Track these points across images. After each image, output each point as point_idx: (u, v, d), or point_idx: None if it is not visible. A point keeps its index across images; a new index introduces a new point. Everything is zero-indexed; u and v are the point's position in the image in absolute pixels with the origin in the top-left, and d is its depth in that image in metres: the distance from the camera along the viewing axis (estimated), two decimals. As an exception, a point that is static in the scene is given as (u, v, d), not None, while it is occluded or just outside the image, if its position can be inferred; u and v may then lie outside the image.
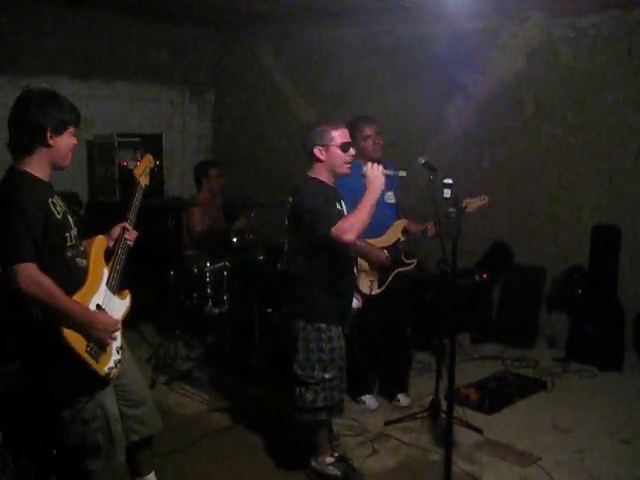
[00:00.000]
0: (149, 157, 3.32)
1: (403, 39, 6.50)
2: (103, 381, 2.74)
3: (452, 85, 6.26)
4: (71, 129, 2.74)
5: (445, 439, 3.36)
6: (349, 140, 3.49)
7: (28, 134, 2.64)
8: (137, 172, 3.18)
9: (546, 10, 5.62)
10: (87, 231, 2.93)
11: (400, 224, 4.47)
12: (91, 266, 2.80)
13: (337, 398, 3.57)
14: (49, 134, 2.64)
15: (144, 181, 3.17)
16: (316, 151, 3.44)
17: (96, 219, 6.21)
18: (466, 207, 4.37)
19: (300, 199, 3.42)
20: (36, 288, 2.50)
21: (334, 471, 3.62)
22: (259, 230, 5.49)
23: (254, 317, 4.99)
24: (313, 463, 3.67)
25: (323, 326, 3.48)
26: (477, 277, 5.87)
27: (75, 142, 2.77)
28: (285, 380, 3.83)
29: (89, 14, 6.47)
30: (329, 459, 3.65)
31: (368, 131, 4.35)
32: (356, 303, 3.83)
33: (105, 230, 3.05)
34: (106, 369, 2.71)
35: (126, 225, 3.01)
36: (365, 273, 4.33)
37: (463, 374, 4.78)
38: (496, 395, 4.74)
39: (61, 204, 2.72)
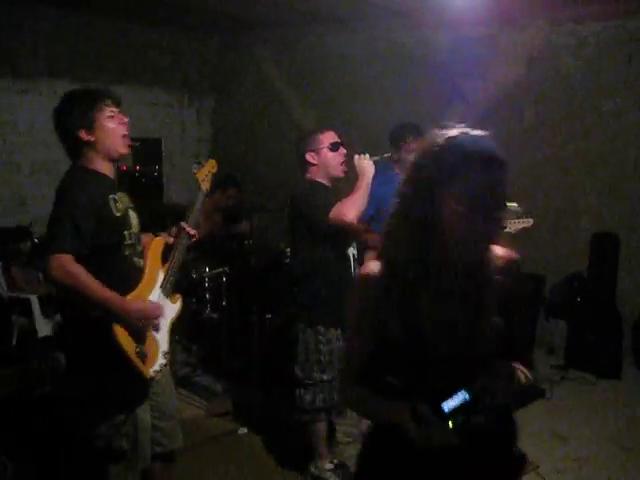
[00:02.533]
0: (213, 162, 3.30)
1: (403, 45, 6.51)
2: (147, 386, 2.73)
3: (452, 91, 6.26)
4: (105, 112, 2.65)
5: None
6: (337, 140, 3.53)
7: (69, 143, 2.66)
8: (199, 176, 3.17)
9: (547, 18, 5.64)
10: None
11: None
12: (147, 267, 2.78)
13: (336, 399, 3.59)
14: (83, 134, 2.63)
15: (206, 185, 3.17)
16: (308, 157, 3.52)
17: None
18: (505, 227, 4.27)
19: (298, 199, 3.52)
20: (68, 278, 2.46)
21: (333, 477, 3.62)
22: (259, 235, 5.49)
23: (253, 322, 4.98)
24: (312, 469, 3.67)
25: (322, 328, 3.52)
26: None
27: (115, 125, 2.67)
28: (283, 385, 3.81)
29: (88, 18, 6.46)
30: (328, 465, 3.65)
31: (413, 145, 4.26)
32: None
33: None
34: (152, 372, 2.68)
35: (184, 225, 2.97)
36: None
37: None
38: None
39: (124, 201, 2.71)
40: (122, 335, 2.55)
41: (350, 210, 3.28)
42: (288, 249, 5.16)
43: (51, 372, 4.12)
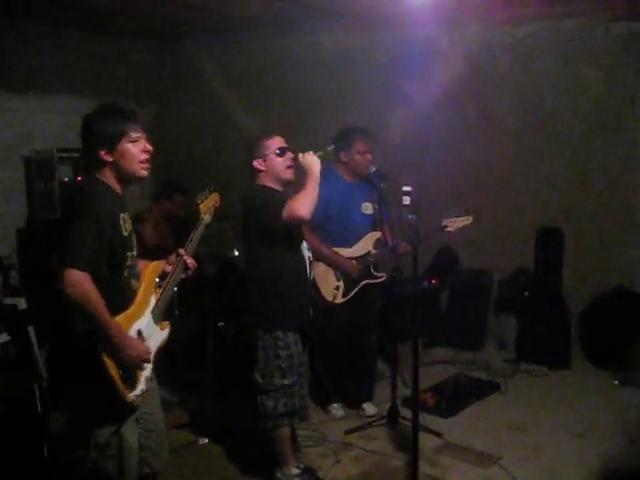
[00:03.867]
0: (216, 196, 3.28)
1: (345, 47, 6.52)
2: (128, 408, 2.66)
3: (395, 93, 6.33)
4: (130, 137, 2.62)
5: (412, 444, 3.42)
6: (284, 145, 3.53)
7: (90, 156, 2.63)
8: (202, 208, 3.16)
9: (485, 19, 5.76)
10: (28, 247, 2.85)
11: (373, 236, 4.44)
12: (142, 290, 2.74)
13: (298, 404, 3.58)
14: (103, 154, 2.59)
15: (208, 218, 3.16)
16: (255, 164, 3.52)
17: (36, 235, 6.16)
18: (446, 226, 4.34)
19: (249, 201, 3.51)
20: (81, 296, 2.42)
21: (300, 482, 3.59)
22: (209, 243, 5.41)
23: (207, 330, 4.92)
24: (279, 475, 3.63)
25: (280, 334, 3.51)
26: (426, 283, 5.94)
27: (137, 150, 2.65)
28: (241, 392, 3.76)
29: (25, 27, 6.27)
30: (295, 470, 3.62)
31: (363, 147, 4.34)
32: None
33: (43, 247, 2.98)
34: (132, 396, 2.62)
35: (182, 253, 2.95)
36: (330, 281, 4.33)
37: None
38: (452, 398, 4.80)
39: (129, 222, 2.68)
40: (109, 357, 2.52)
41: (303, 205, 3.27)
42: (237, 254, 5.14)
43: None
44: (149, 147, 2.69)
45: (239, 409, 4.40)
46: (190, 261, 2.97)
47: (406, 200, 3.35)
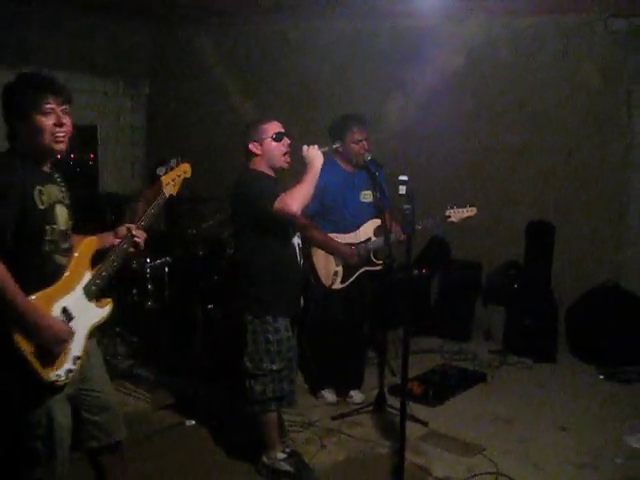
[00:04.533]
0: (186, 166, 3.13)
1: (343, 35, 6.51)
2: (51, 388, 2.55)
3: (392, 81, 6.32)
4: (41, 109, 2.48)
5: (400, 432, 3.42)
6: (281, 130, 3.51)
7: (7, 129, 2.53)
8: (164, 179, 3.01)
9: (485, 10, 5.74)
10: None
11: (373, 223, 4.41)
12: (71, 266, 2.61)
13: (286, 389, 3.60)
14: (17, 124, 2.50)
15: (170, 190, 3.01)
16: (251, 147, 3.50)
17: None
18: (449, 217, 4.33)
19: (242, 187, 3.49)
20: None
21: (286, 467, 3.61)
22: (199, 225, 5.40)
23: (195, 313, 4.92)
24: (264, 459, 3.65)
25: (270, 318, 3.51)
26: (416, 271, 5.95)
27: (49, 123, 2.48)
28: (228, 375, 3.74)
29: (18, 3, 6.19)
30: (281, 455, 3.63)
31: (358, 135, 4.30)
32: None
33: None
34: (53, 376, 2.50)
35: (131, 227, 2.82)
36: (330, 266, 4.34)
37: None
38: (439, 388, 4.83)
39: (52, 195, 2.55)
40: (21, 336, 2.40)
41: (295, 201, 3.25)
42: (228, 236, 5.12)
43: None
44: (63, 120, 2.51)
45: (227, 392, 4.41)
46: (139, 237, 2.83)
47: (402, 189, 3.34)
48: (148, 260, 5.08)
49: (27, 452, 2.60)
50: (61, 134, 2.52)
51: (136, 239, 2.83)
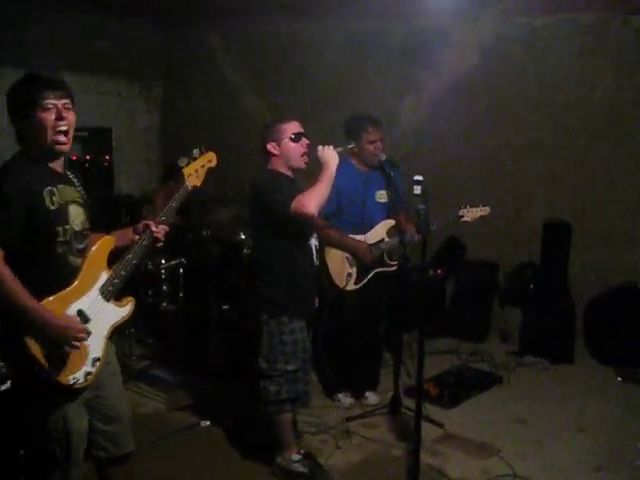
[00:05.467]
0: (211, 155, 3.03)
1: (357, 34, 6.50)
2: (68, 392, 2.53)
3: (405, 81, 6.30)
4: (41, 105, 2.46)
5: (415, 433, 3.41)
6: (300, 130, 3.49)
7: (15, 130, 2.53)
8: (187, 170, 2.90)
9: (499, 9, 5.70)
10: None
11: (387, 224, 4.38)
12: (85, 267, 2.55)
13: (301, 390, 3.60)
14: (20, 125, 2.50)
15: (193, 182, 2.91)
16: (269, 147, 3.48)
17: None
18: (462, 216, 4.30)
19: (259, 187, 3.47)
20: None
21: (300, 468, 3.60)
22: (214, 226, 5.41)
23: (210, 314, 4.93)
24: (279, 460, 3.65)
25: (285, 319, 3.50)
26: (432, 272, 5.93)
27: (50, 119, 2.45)
28: (244, 376, 3.74)
29: (32, 3, 6.23)
30: (295, 456, 3.63)
31: (373, 135, 4.26)
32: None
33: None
34: (70, 379, 2.48)
35: (150, 224, 2.74)
36: (343, 267, 4.32)
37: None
38: (454, 389, 4.80)
39: (64, 195, 2.52)
40: (33, 339, 2.37)
41: (312, 202, 3.23)
42: (243, 238, 5.12)
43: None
44: (64, 114, 2.47)
45: (242, 393, 4.40)
46: (159, 232, 2.74)
47: (417, 189, 3.32)
48: (163, 261, 5.10)
49: (45, 455, 2.59)
50: (63, 127, 2.48)
51: (156, 234, 2.75)
